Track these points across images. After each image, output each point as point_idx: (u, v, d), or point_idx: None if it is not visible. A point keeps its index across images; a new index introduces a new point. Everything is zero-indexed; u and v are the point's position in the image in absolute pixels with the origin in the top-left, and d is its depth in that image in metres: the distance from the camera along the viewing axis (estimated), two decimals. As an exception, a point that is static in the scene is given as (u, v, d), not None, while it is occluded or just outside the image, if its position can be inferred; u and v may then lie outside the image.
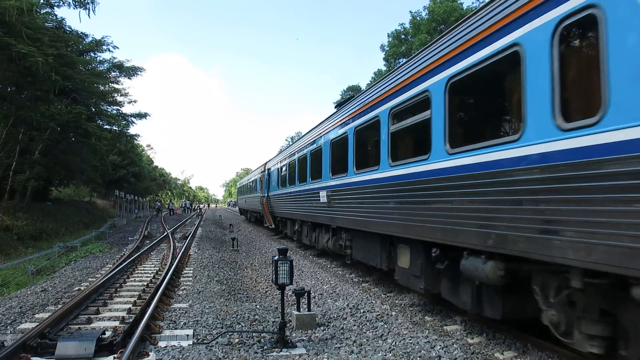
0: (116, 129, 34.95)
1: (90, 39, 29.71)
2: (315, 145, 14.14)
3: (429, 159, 6.84)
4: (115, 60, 32.72)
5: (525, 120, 4.91)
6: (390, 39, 45.81)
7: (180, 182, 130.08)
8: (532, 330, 6.54)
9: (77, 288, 10.71)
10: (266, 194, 24.64)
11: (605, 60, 3.94)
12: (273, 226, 24.51)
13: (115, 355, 5.79)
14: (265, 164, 26.77)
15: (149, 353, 5.94)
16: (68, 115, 23.44)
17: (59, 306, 8.51)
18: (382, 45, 47.17)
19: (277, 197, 21.35)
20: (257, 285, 11.69)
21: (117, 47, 37.09)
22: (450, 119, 6.45)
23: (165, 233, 24.51)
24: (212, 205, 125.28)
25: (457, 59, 6.29)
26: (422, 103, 7.19)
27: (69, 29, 26.25)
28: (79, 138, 26.98)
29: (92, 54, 31.32)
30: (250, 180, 35.80)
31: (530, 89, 4.85)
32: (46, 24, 23.13)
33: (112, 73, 33.13)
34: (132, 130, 41.85)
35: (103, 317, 7.96)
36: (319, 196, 12.88)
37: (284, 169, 19.94)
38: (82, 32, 28.65)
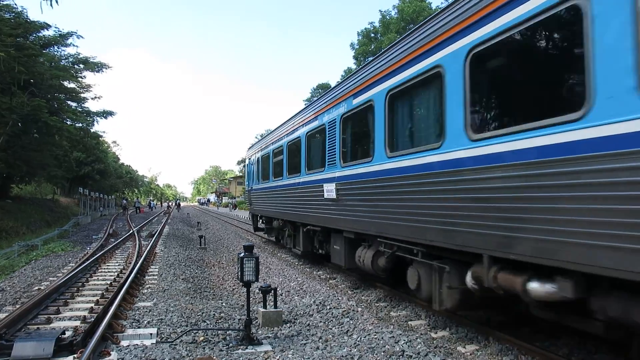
0: (80, 125, 34.10)
1: (53, 30, 28.86)
2: None
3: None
4: (81, 56, 31.97)
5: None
6: (360, 37, 46.09)
7: (147, 180, 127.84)
8: (492, 324, 6.75)
9: (37, 287, 10.41)
10: None
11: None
12: None
13: (75, 355, 5.66)
14: None
15: (111, 353, 5.83)
16: (27, 108, 22.70)
17: (17, 306, 8.24)
18: (351, 43, 47.43)
19: None
20: (224, 283, 11.60)
21: (82, 37, 36.01)
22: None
23: (131, 231, 24.03)
24: (182, 204, 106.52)
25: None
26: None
27: (29, 20, 25.45)
28: (42, 130, 26.19)
29: (56, 47, 30.47)
30: None
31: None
32: (5, 15, 22.36)
33: (76, 67, 32.29)
34: (97, 127, 40.81)
35: (64, 316, 7.75)
36: None
37: None
38: (44, 22, 27.78)
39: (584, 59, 4.00)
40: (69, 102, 33.05)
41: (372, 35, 45.81)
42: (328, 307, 8.21)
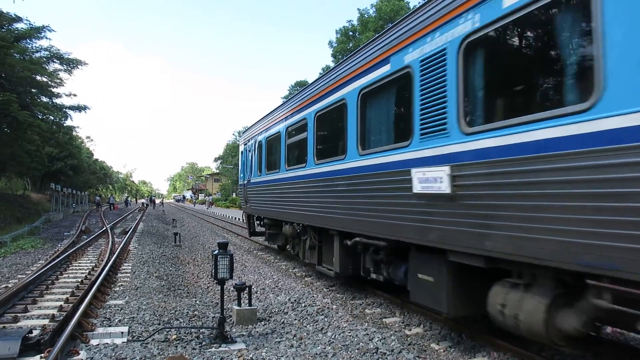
0: (52, 118, 33.32)
1: (24, 23, 28.12)
2: None
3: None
4: (54, 49, 31.22)
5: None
6: (339, 36, 46.15)
7: (122, 176, 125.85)
8: (466, 322, 6.82)
9: (4, 285, 10.11)
10: None
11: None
12: None
13: (42, 355, 5.52)
14: None
15: (80, 352, 5.70)
16: None
17: (-17, 305, 8.00)
18: (330, 41, 47.50)
19: None
20: (199, 280, 11.48)
21: (54, 30, 35.22)
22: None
23: (104, 228, 23.60)
24: (157, 201, 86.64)
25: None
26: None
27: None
28: (12, 125, 25.49)
29: (28, 40, 29.69)
30: None
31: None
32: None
33: (51, 65, 31.58)
34: (70, 122, 39.83)
35: (31, 315, 7.55)
36: None
37: None
38: (15, 15, 27.10)
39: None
40: (41, 96, 32.24)
41: (351, 33, 45.94)
42: (303, 305, 8.19)
